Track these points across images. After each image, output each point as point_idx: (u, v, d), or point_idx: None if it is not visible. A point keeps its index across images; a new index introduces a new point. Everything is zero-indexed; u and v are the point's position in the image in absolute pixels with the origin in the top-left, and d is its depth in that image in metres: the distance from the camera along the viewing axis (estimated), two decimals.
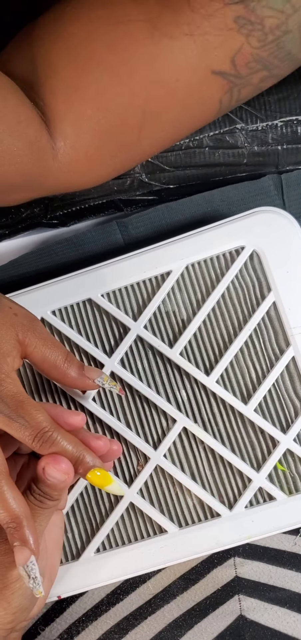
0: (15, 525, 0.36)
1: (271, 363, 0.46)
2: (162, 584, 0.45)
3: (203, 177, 0.53)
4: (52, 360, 0.41)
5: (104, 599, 0.46)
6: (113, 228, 0.51)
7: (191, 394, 0.46)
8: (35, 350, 0.40)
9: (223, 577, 0.44)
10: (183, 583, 0.45)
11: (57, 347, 0.41)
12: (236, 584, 0.44)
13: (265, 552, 0.45)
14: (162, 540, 0.45)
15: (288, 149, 0.52)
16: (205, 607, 0.44)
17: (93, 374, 0.42)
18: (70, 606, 0.46)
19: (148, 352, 0.47)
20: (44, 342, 0.41)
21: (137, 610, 0.45)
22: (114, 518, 0.46)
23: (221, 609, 0.43)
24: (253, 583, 0.44)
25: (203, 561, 0.45)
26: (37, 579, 0.37)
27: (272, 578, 0.44)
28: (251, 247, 0.47)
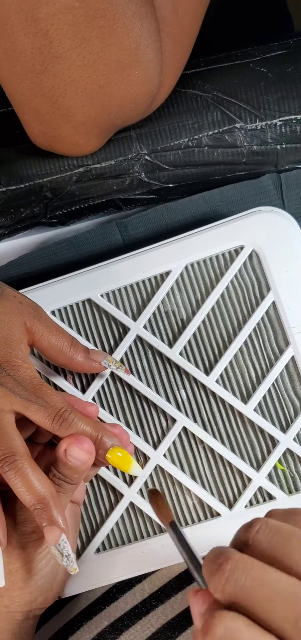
0: (42, 507, 0.36)
1: (270, 362, 0.46)
2: (157, 583, 0.45)
3: (202, 176, 0.53)
4: (59, 347, 0.42)
5: (100, 598, 0.46)
6: (112, 229, 0.51)
7: (191, 394, 0.46)
8: (42, 338, 0.41)
9: None
10: (179, 583, 0.45)
11: (62, 333, 0.42)
12: None
13: None
14: (162, 539, 0.45)
15: (288, 148, 0.52)
16: None
17: (99, 356, 0.43)
18: (65, 605, 0.46)
19: (147, 352, 0.47)
20: (49, 329, 0.41)
21: (131, 611, 0.44)
22: (114, 518, 0.46)
23: None
24: None
25: None
26: (71, 556, 0.37)
27: None
28: (250, 247, 0.47)
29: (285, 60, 0.50)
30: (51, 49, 0.37)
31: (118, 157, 0.51)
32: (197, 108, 0.51)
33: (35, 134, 0.45)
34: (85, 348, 0.43)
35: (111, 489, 0.46)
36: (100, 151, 0.50)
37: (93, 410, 0.41)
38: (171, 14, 0.43)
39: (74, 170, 0.51)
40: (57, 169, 0.51)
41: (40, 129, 0.44)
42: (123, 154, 0.51)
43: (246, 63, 0.51)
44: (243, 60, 0.51)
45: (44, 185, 0.51)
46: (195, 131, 0.51)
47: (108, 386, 0.47)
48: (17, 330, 0.40)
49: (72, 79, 0.39)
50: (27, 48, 0.38)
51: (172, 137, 0.51)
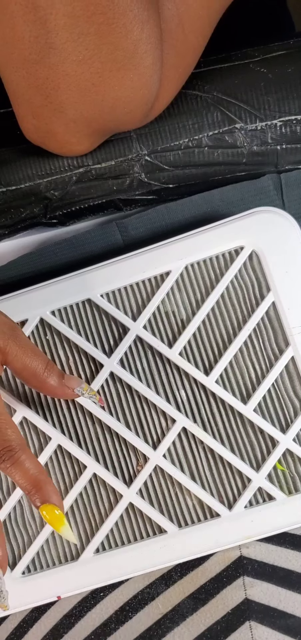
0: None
1: (270, 363, 0.46)
2: (171, 602, 0.45)
3: (202, 176, 0.53)
4: (32, 369, 0.41)
5: (113, 615, 0.45)
6: (112, 229, 0.51)
7: (190, 394, 0.46)
8: (15, 358, 0.40)
9: (233, 599, 0.44)
10: (193, 603, 0.44)
11: (37, 355, 0.41)
12: (247, 607, 0.43)
13: (274, 572, 0.44)
14: (161, 540, 0.45)
15: (288, 149, 0.52)
16: (216, 633, 0.43)
17: (74, 382, 0.42)
18: (78, 621, 0.46)
19: (147, 352, 0.47)
20: (24, 350, 0.41)
21: (146, 632, 0.44)
22: (113, 518, 0.46)
23: (233, 637, 0.43)
24: (263, 607, 0.43)
25: (212, 579, 0.45)
26: (3, 593, 0.38)
27: (282, 602, 0.43)
28: (250, 247, 0.47)
29: (285, 61, 0.50)
30: (48, 39, 0.37)
31: (119, 158, 0.51)
32: (197, 109, 0.51)
33: (28, 128, 0.45)
34: (60, 373, 0.42)
35: (110, 490, 0.46)
36: (100, 151, 0.50)
37: None
38: (177, 28, 0.43)
39: (74, 170, 0.51)
40: (57, 170, 0.51)
41: (33, 123, 0.44)
42: (123, 154, 0.51)
43: (246, 63, 0.51)
44: (243, 60, 0.51)
45: (44, 186, 0.51)
46: (195, 132, 0.51)
47: (108, 386, 0.47)
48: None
49: (66, 73, 0.39)
50: (25, 35, 0.37)
51: (172, 138, 0.51)
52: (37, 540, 0.46)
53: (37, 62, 0.39)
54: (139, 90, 0.41)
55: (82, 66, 0.39)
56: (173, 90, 0.47)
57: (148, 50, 0.40)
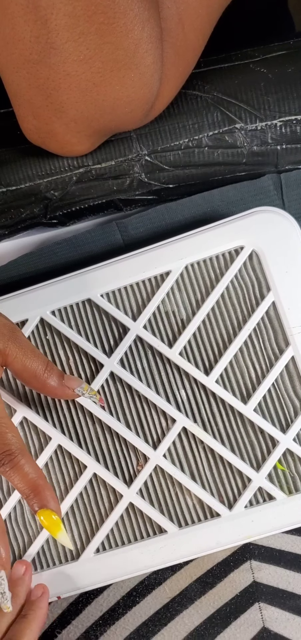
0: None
1: (270, 363, 0.46)
2: (178, 587, 0.45)
3: (202, 176, 0.53)
4: (32, 370, 0.41)
5: (120, 601, 0.45)
6: (112, 229, 0.51)
7: (190, 394, 0.46)
8: (15, 360, 0.41)
9: (241, 582, 0.44)
10: (200, 587, 0.44)
11: (37, 356, 0.41)
12: (255, 589, 0.43)
13: (281, 555, 0.44)
14: (161, 540, 0.45)
15: (288, 149, 0.52)
16: (225, 615, 0.43)
17: (74, 383, 0.42)
18: (85, 607, 0.46)
19: (147, 352, 0.47)
20: (23, 351, 0.41)
21: (155, 616, 0.44)
22: (114, 518, 0.46)
23: (242, 618, 0.43)
24: (272, 589, 0.43)
25: (219, 563, 0.45)
26: (5, 594, 0.38)
27: (291, 584, 0.44)
28: (250, 247, 0.47)
29: (285, 61, 0.50)
30: (49, 39, 0.37)
31: (119, 158, 0.51)
32: (197, 109, 0.51)
33: (29, 129, 0.45)
34: (60, 373, 0.42)
35: (111, 490, 0.46)
36: (100, 152, 0.50)
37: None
38: (176, 27, 0.43)
39: (74, 170, 0.51)
40: (57, 170, 0.51)
41: (34, 124, 0.44)
42: (123, 154, 0.51)
43: (246, 64, 0.51)
44: (243, 60, 0.51)
45: (44, 186, 0.51)
46: (195, 132, 0.51)
47: (108, 386, 0.47)
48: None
49: (66, 73, 0.39)
50: (26, 35, 0.37)
51: (172, 138, 0.51)
52: (38, 540, 0.46)
53: (38, 62, 0.39)
54: (140, 90, 0.41)
55: (83, 66, 0.39)
56: (174, 89, 0.46)
57: (149, 50, 0.40)
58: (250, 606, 0.43)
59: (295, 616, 0.43)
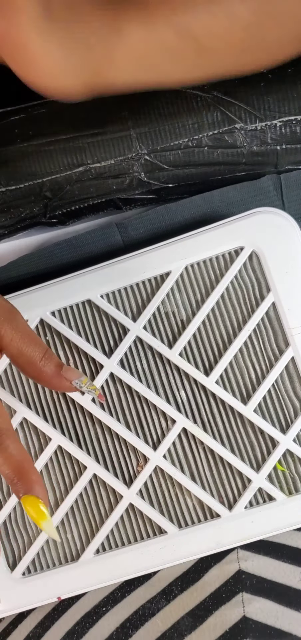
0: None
1: (270, 363, 0.46)
2: (170, 619, 0.44)
3: (202, 176, 0.53)
4: (28, 356, 0.38)
5: (113, 633, 0.44)
6: (112, 229, 0.51)
7: (190, 395, 0.46)
8: (11, 343, 0.38)
9: (232, 617, 0.44)
10: (192, 620, 0.44)
11: (35, 342, 0.38)
12: (244, 626, 0.43)
13: (272, 588, 0.44)
14: (161, 541, 0.45)
15: (288, 149, 0.52)
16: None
17: (71, 374, 0.39)
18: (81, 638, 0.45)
19: (147, 353, 0.47)
20: (20, 335, 0.38)
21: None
22: (114, 519, 0.46)
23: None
24: (260, 626, 0.43)
25: (211, 594, 0.45)
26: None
27: (279, 620, 0.43)
28: (250, 248, 0.47)
29: None
30: None
31: (118, 157, 0.51)
32: (197, 108, 0.50)
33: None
34: (59, 363, 0.39)
35: (111, 490, 0.46)
36: (100, 150, 0.50)
37: None
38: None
39: (74, 169, 0.51)
40: (56, 169, 0.51)
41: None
42: (122, 153, 0.51)
43: None
44: None
45: (44, 185, 0.51)
46: (195, 131, 0.51)
47: (108, 387, 0.47)
48: None
49: None
50: None
51: (172, 137, 0.51)
52: (38, 541, 0.46)
53: None
54: None
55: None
56: None
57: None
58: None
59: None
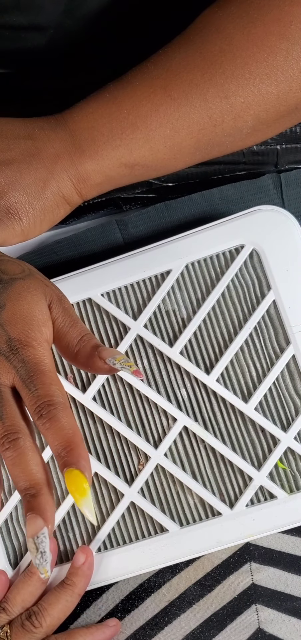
0: (34, 492, 0.34)
1: (271, 361, 0.46)
2: (177, 590, 0.45)
3: (202, 175, 0.53)
4: (67, 339, 0.38)
5: (119, 604, 0.45)
6: (112, 227, 0.51)
7: (191, 393, 0.46)
8: (55, 322, 0.39)
9: (240, 585, 0.44)
10: (199, 589, 0.44)
11: (75, 325, 0.39)
12: (253, 592, 0.43)
13: (281, 557, 0.44)
14: (163, 539, 0.45)
15: (287, 148, 0.52)
16: (222, 617, 0.43)
17: (105, 353, 0.38)
18: (84, 611, 0.46)
19: (148, 351, 0.47)
20: (63, 317, 0.39)
21: (153, 620, 0.44)
22: (115, 517, 0.46)
23: (238, 620, 0.43)
24: (269, 591, 0.43)
25: (218, 566, 0.45)
26: (46, 554, 0.33)
27: (289, 586, 0.44)
28: (250, 246, 0.47)
29: None
30: None
31: None
32: None
33: None
34: (96, 344, 0.38)
35: (112, 489, 0.46)
36: None
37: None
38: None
39: None
40: None
41: None
42: None
43: None
44: None
45: None
46: None
47: (109, 386, 0.47)
48: (39, 310, 0.38)
49: None
50: None
51: None
52: None
53: None
54: None
55: None
56: None
57: None
58: (246, 608, 0.43)
59: (290, 617, 0.43)
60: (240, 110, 0.43)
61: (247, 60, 0.42)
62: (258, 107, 0.43)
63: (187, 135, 0.44)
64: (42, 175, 0.43)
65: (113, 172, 0.44)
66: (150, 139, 0.44)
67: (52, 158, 0.43)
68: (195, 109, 0.43)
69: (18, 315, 0.37)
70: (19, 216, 0.43)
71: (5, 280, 0.39)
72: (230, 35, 0.43)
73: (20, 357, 0.36)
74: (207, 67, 0.43)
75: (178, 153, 0.45)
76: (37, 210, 0.43)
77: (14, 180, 0.43)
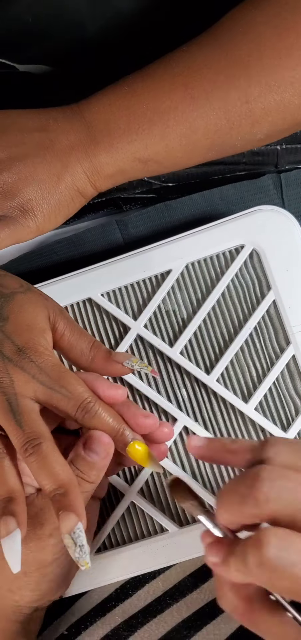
0: (63, 491, 0.35)
1: (271, 361, 0.46)
2: (171, 580, 0.45)
3: (202, 175, 0.53)
4: (79, 348, 0.40)
5: (113, 593, 0.45)
6: (112, 227, 0.51)
7: (191, 393, 0.46)
8: (62, 337, 0.40)
9: None
10: (193, 581, 0.45)
11: (84, 335, 0.41)
12: None
13: None
14: (163, 539, 0.45)
15: (288, 149, 0.52)
16: (214, 607, 0.44)
17: (121, 357, 0.41)
18: (78, 600, 0.46)
19: (148, 352, 0.47)
20: (71, 328, 0.40)
21: (146, 608, 0.44)
22: (115, 517, 0.46)
23: None
24: None
25: None
26: (84, 548, 0.35)
27: None
28: (251, 246, 0.47)
29: None
30: None
31: None
32: None
33: None
34: (107, 349, 0.41)
35: (112, 489, 0.46)
36: None
37: (119, 393, 0.40)
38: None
39: None
40: None
41: None
42: None
43: None
44: None
45: None
46: None
47: None
48: (40, 320, 0.39)
49: None
50: None
51: None
52: None
53: None
54: None
55: None
56: None
57: None
58: None
59: None
60: (258, 117, 0.43)
61: (275, 67, 0.42)
62: (277, 115, 0.43)
63: (203, 135, 0.44)
64: (57, 169, 0.43)
65: (127, 166, 0.44)
66: (166, 136, 0.43)
67: (66, 150, 0.43)
68: (214, 110, 0.43)
69: (22, 325, 0.38)
70: (33, 213, 0.43)
71: (6, 294, 0.40)
72: (259, 38, 0.42)
73: (35, 364, 0.37)
74: (231, 69, 0.42)
75: (192, 152, 0.45)
76: (52, 206, 0.43)
77: (27, 176, 0.42)
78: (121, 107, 0.43)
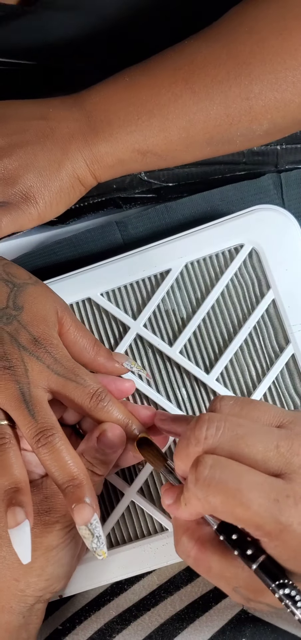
0: (77, 483, 0.36)
1: (271, 361, 0.46)
2: (166, 575, 0.46)
3: (202, 175, 0.53)
4: (83, 344, 0.42)
5: (108, 589, 0.46)
6: (112, 228, 0.52)
7: (191, 392, 0.46)
8: (68, 331, 0.41)
9: None
10: (188, 574, 0.45)
11: (88, 333, 0.43)
12: None
13: None
14: (163, 538, 0.45)
15: (288, 149, 0.52)
16: (208, 600, 0.44)
17: (122, 358, 0.43)
18: (73, 595, 0.46)
19: (148, 351, 0.47)
20: (76, 325, 0.42)
21: (140, 602, 0.45)
22: (115, 517, 0.46)
23: (223, 603, 0.43)
24: None
25: None
26: (101, 538, 0.36)
27: None
28: (250, 245, 0.47)
29: None
30: None
31: None
32: None
33: None
34: (108, 350, 0.43)
35: (112, 488, 0.46)
36: None
37: (129, 386, 0.42)
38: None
39: None
40: None
41: None
42: None
43: None
44: None
45: None
46: None
47: None
48: (52, 314, 0.40)
49: None
50: None
51: None
52: None
53: None
54: None
55: None
56: None
57: None
58: None
59: None
60: (258, 113, 0.43)
61: (277, 66, 0.42)
62: (276, 113, 0.43)
63: (202, 130, 0.44)
64: (57, 156, 0.43)
65: (126, 156, 0.45)
66: (166, 128, 0.44)
67: (66, 138, 0.44)
68: (214, 105, 0.43)
69: (37, 317, 0.40)
70: (35, 199, 0.43)
71: (18, 284, 0.41)
72: (263, 38, 0.43)
73: (51, 355, 0.38)
74: (233, 66, 0.43)
75: (190, 145, 0.45)
76: (53, 192, 0.44)
77: (28, 162, 0.43)
78: (121, 98, 0.44)
